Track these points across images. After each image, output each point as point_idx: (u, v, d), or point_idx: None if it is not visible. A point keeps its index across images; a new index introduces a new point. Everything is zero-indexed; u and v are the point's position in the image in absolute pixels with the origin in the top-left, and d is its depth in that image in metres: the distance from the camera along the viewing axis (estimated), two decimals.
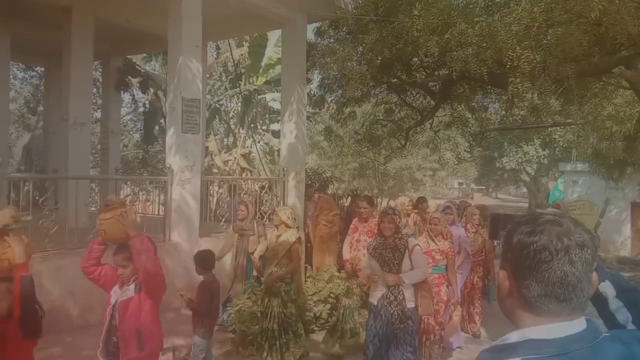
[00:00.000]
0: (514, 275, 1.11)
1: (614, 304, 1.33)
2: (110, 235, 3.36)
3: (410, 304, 4.50)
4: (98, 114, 16.04)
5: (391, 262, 4.48)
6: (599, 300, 1.41)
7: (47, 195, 6.17)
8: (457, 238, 6.01)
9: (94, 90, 15.73)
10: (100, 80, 14.21)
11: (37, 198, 6.13)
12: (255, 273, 6.18)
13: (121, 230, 3.27)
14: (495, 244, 7.45)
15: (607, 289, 1.37)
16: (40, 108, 19.07)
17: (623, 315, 1.32)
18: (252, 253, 6.09)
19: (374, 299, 4.63)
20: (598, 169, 13.53)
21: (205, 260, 4.85)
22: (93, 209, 9.19)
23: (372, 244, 4.72)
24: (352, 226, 6.58)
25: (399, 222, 4.65)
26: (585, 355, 1.02)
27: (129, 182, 9.97)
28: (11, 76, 13.77)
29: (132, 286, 3.33)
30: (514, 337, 1.08)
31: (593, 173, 14.62)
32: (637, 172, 13.68)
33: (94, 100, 16.00)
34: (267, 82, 17.88)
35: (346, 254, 6.34)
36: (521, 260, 1.08)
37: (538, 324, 1.06)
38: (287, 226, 5.31)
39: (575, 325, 1.05)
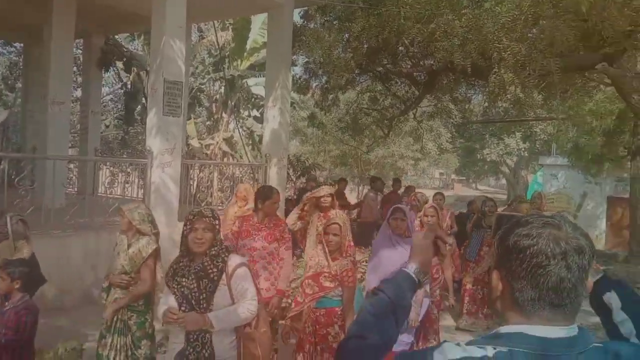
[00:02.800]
0: (508, 277, 1.09)
1: (619, 315, 1.31)
2: None
3: None
4: (78, 93, 15.75)
5: (194, 296, 2.79)
6: (603, 311, 1.39)
7: (23, 174, 6.05)
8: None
9: (75, 68, 15.43)
10: (81, 58, 13.93)
11: (12, 177, 6.00)
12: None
13: None
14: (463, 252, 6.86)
15: (613, 299, 1.36)
16: (19, 85, 18.66)
17: (627, 328, 1.30)
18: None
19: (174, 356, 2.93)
20: (577, 164, 13.76)
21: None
22: (70, 190, 9.06)
23: (171, 267, 2.95)
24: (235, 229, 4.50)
25: (218, 228, 2.90)
26: (570, 359, 1.01)
27: (108, 164, 9.84)
28: None
29: None
30: (504, 329, 1.07)
31: (572, 167, 14.86)
32: (615, 167, 13.95)
33: (74, 79, 15.71)
34: (251, 66, 17.73)
35: None
36: (516, 263, 1.07)
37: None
38: (140, 232, 3.73)
39: (567, 330, 1.04)
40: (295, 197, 9.90)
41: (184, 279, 2.84)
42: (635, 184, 12.17)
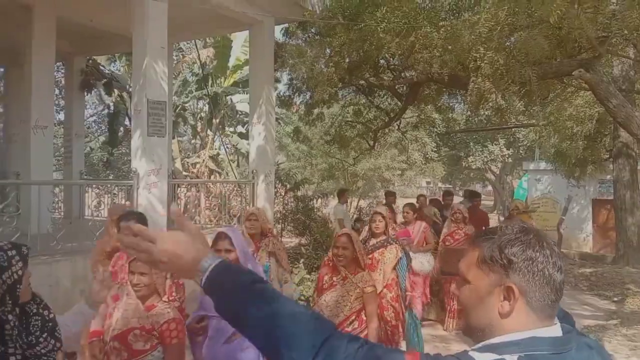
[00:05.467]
0: (525, 288, 1.12)
1: None
2: None
3: None
4: (61, 116, 15.66)
5: None
6: None
7: (8, 201, 5.98)
8: None
9: (57, 91, 15.36)
10: (63, 81, 13.88)
11: None
12: None
13: None
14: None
15: None
16: (0, 110, 18.50)
17: None
18: None
19: None
20: (560, 168, 13.91)
21: None
22: (56, 214, 8.95)
23: None
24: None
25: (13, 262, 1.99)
26: (573, 356, 1.09)
27: (93, 186, 9.78)
28: None
29: None
30: (509, 337, 1.09)
31: (555, 172, 15.03)
32: (598, 170, 14.13)
33: (57, 102, 15.63)
34: (235, 84, 17.77)
35: None
36: (537, 273, 1.12)
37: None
38: None
39: (559, 328, 1.12)
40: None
41: None
42: (618, 185, 12.34)
